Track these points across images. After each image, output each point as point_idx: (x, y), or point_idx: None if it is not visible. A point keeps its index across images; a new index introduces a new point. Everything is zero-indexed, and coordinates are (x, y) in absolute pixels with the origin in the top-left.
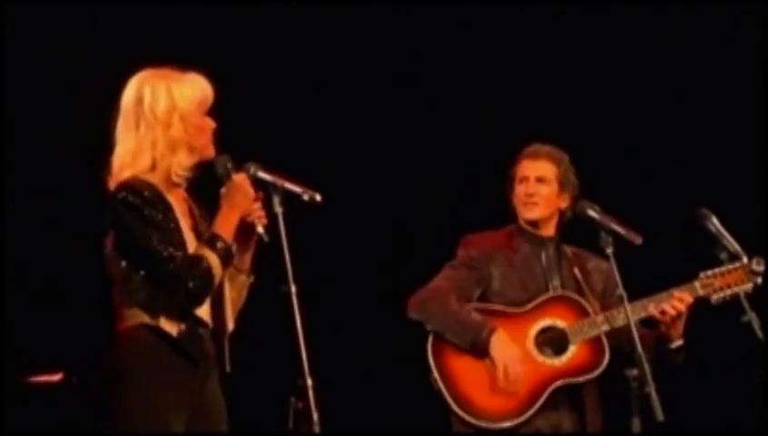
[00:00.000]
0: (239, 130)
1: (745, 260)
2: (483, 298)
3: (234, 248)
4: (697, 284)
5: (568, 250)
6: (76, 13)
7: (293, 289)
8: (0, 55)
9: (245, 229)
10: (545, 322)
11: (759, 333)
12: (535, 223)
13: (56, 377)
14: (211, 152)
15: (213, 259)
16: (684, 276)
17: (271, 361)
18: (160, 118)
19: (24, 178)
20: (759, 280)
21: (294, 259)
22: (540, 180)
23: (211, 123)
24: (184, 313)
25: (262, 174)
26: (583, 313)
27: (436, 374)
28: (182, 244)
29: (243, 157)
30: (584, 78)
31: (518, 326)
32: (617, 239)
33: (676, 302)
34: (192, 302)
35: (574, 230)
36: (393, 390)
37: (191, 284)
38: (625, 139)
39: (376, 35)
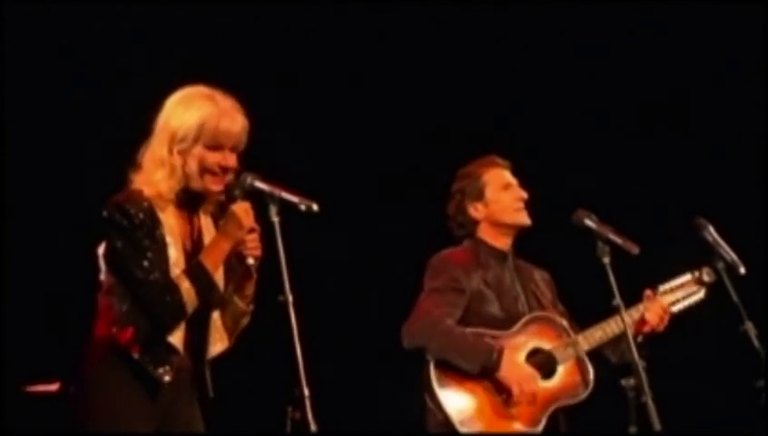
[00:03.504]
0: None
1: (742, 270)
2: (461, 318)
3: (221, 278)
4: (660, 298)
5: (519, 262)
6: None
7: (290, 298)
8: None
9: (243, 259)
10: (531, 344)
11: (756, 343)
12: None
13: (54, 386)
14: (205, 184)
15: (189, 290)
16: None
17: (268, 371)
18: (157, 132)
19: (26, 183)
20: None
21: (291, 268)
22: (520, 186)
23: (215, 158)
24: (154, 336)
25: (259, 184)
26: (561, 332)
27: (442, 402)
28: (163, 268)
29: (242, 166)
30: (580, 87)
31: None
32: (614, 248)
33: (660, 316)
34: (159, 328)
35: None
36: (391, 399)
37: (160, 312)
38: (622, 149)
39: (371, 42)
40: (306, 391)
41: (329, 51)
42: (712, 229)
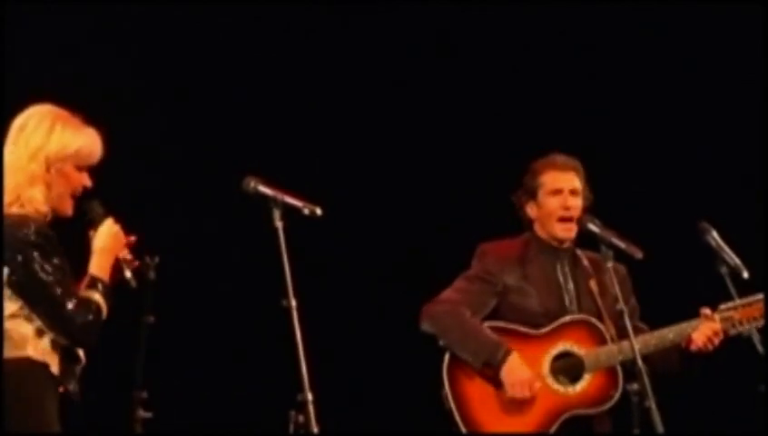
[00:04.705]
0: (239, 143)
1: (745, 274)
2: (498, 310)
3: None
4: (717, 317)
5: (584, 258)
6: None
7: (293, 303)
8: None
9: (121, 270)
10: (562, 346)
11: (759, 347)
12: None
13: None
14: (65, 206)
15: (101, 300)
16: (685, 288)
17: (272, 376)
18: (30, 148)
19: None
20: None
21: (294, 273)
22: (573, 192)
23: (81, 179)
24: (66, 351)
25: (263, 189)
26: (601, 340)
27: (449, 394)
28: (74, 285)
29: (245, 170)
30: (588, 90)
31: (534, 349)
32: (618, 253)
33: (708, 338)
34: (84, 341)
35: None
36: (394, 403)
37: (87, 328)
38: (626, 152)
39: (382, 41)
40: (309, 396)
41: (330, 52)
42: (715, 233)
